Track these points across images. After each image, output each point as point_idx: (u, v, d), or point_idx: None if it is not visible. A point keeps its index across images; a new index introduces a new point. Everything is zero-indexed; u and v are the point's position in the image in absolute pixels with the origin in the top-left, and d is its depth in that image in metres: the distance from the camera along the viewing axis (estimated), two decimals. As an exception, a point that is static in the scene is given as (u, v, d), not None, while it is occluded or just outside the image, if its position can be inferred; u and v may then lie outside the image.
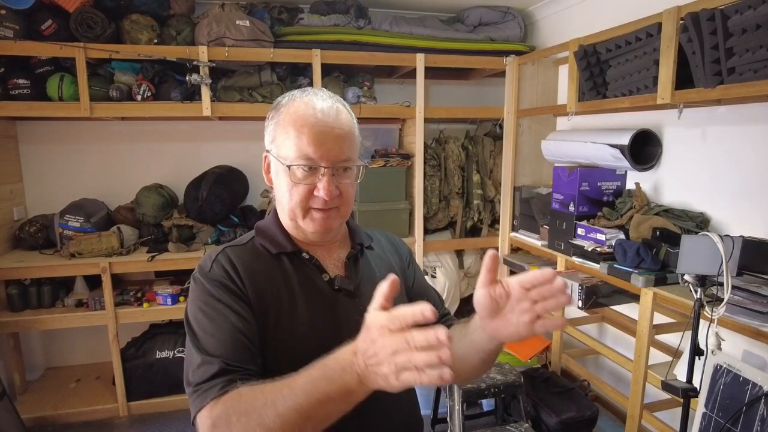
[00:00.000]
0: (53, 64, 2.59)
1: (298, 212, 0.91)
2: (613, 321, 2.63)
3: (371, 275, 1.01)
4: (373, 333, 0.62)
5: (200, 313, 0.85)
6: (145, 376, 2.74)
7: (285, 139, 0.89)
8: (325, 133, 0.87)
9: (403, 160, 3.02)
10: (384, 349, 0.60)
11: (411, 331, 0.59)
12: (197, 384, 0.78)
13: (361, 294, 0.96)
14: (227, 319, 0.84)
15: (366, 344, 0.62)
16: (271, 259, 0.94)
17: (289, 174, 0.88)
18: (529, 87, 2.99)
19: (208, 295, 0.87)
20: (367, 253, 1.05)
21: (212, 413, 0.73)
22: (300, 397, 0.66)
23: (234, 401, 0.73)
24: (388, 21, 2.91)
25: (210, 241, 2.86)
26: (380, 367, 0.60)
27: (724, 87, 1.67)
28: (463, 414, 2.13)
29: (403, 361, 0.58)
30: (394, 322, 0.60)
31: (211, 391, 0.76)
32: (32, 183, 2.97)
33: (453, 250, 3.30)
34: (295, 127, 0.88)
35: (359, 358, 0.63)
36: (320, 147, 0.87)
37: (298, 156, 0.87)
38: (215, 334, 0.83)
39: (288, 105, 0.91)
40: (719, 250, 1.45)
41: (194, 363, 0.81)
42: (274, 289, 0.91)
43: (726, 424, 1.43)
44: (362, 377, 0.63)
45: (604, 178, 2.45)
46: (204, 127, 3.14)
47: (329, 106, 0.90)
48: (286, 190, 0.90)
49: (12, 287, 2.62)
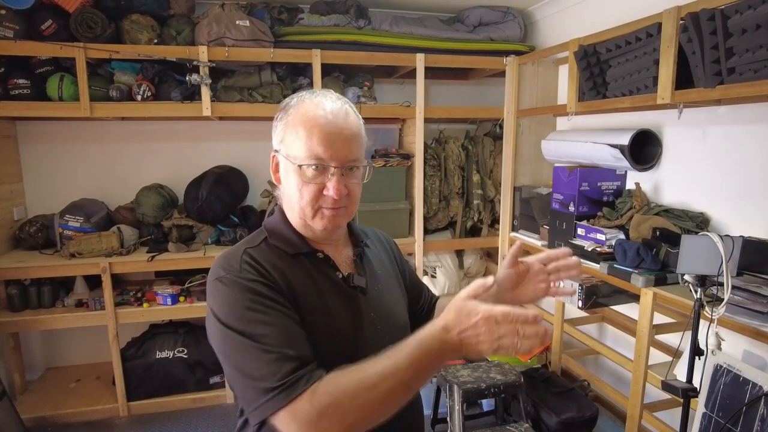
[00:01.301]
0: (53, 64, 2.59)
1: (308, 211, 0.92)
2: (613, 321, 2.63)
3: (373, 272, 1.04)
4: (474, 318, 0.74)
5: (248, 312, 0.82)
6: (145, 376, 2.74)
7: (295, 139, 0.90)
8: (335, 134, 0.89)
9: (403, 160, 3.02)
10: (491, 333, 0.73)
11: (522, 324, 0.73)
12: (280, 380, 0.76)
13: (369, 291, 1.00)
14: (280, 313, 0.84)
15: (464, 324, 0.74)
16: (290, 259, 0.94)
17: (299, 173, 0.90)
18: (529, 87, 2.99)
19: (250, 293, 0.84)
20: (366, 251, 1.08)
21: (314, 403, 0.74)
22: (408, 372, 0.74)
23: (336, 386, 0.75)
24: (388, 21, 2.91)
25: (210, 241, 2.86)
26: (481, 345, 0.74)
27: (724, 87, 1.67)
28: (463, 414, 2.13)
29: (508, 342, 0.73)
30: (506, 317, 0.73)
31: (298, 383, 0.76)
32: (32, 183, 2.97)
33: (453, 250, 3.30)
34: (305, 127, 0.89)
35: (452, 334, 0.74)
36: (330, 147, 0.89)
37: (308, 156, 0.89)
38: (276, 329, 0.81)
39: (297, 105, 0.92)
40: (719, 250, 1.45)
41: (263, 361, 0.78)
42: (302, 287, 0.91)
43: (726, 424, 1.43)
44: (454, 350, 0.75)
45: (604, 178, 2.45)
46: (204, 127, 3.14)
47: (338, 107, 0.92)
48: (296, 189, 0.92)
49: (12, 287, 2.62)
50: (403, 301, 1.11)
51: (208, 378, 2.83)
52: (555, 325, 2.59)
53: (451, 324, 0.75)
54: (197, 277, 2.87)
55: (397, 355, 0.76)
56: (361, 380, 0.75)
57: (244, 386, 0.80)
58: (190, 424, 2.66)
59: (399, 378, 0.74)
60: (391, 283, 1.09)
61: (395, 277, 1.13)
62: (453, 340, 0.75)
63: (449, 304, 0.78)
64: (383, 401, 0.75)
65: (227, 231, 2.85)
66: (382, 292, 1.03)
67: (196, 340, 2.83)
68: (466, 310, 0.75)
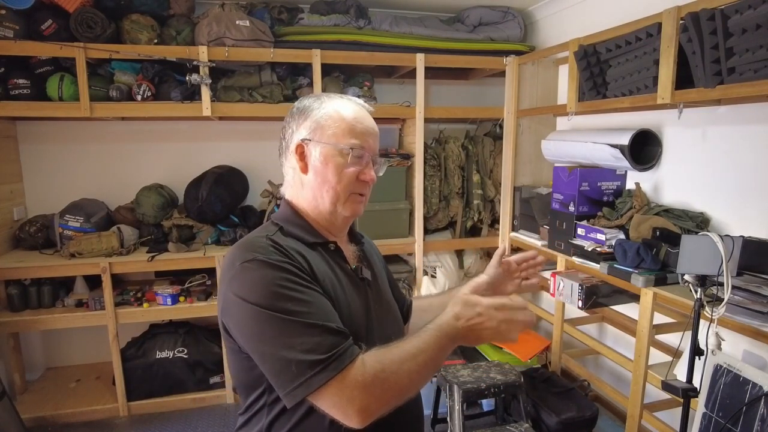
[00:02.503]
0: (53, 64, 2.59)
1: (343, 195, 0.98)
2: (613, 321, 2.63)
3: (372, 267, 1.10)
4: (478, 308, 0.86)
5: (285, 290, 0.83)
6: (145, 376, 2.74)
7: (338, 128, 0.97)
8: (370, 128, 1.01)
9: (403, 160, 3.02)
10: (492, 319, 0.85)
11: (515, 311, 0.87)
12: (327, 352, 0.79)
13: (373, 284, 1.06)
14: (314, 291, 0.87)
15: (470, 314, 0.85)
16: (308, 248, 0.96)
17: (343, 158, 0.96)
18: (529, 87, 2.99)
19: (282, 272, 0.85)
20: (364, 247, 1.13)
21: (367, 370, 0.80)
22: (435, 350, 0.84)
23: (384, 356, 0.82)
24: (388, 21, 2.91)
25: (210, 241, 2.86)
26: (484, 332, 0.86)
27: (724, 87, 1.67)
28: (463, 414, 2.13)
29: (505, 328, 0.86)
30: (504, 306, 0.86)
31: (345, 354, 0.80)
32: (32, 183, 2.97)
33: (453, 250, 3.30)
34: (348, 118, 0.98)
35: (461, 322, 0.85)
36: (367, 139, 0.99)
37: (353, 143, 0.97)
38: (314, 305, 0.85)
39: (329, 101, 1.00)
40: (719, 250, 1.45)
41: (307, 335, 0.80)
42: (323, 274, 0.93)
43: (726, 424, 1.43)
44: (463, 336, 0.86)
45: (604, 178, 2.45)
46: (204, 127, 3.14)
47: (361, 107, 1.03)
48: (334, 173, 0.96)
49: (12, 287, 2.62)
50: (392, 297, 1.16)
51: (208, 378, 2.83)
52: (555, 325, 2.59)
53: (461, 314, 0.86)
54: (197, 277, 2.87)
55: (425, 335, 0.85)
56: (403, 352, 0.83)
57: (286, 364, 0.79)
58: (190, 424, 2.66)
59: (430, 353, 0.84)
60: (384, 282, 1.15)
61: (385, 276, 1.18)
62: (462, 328, 0.85)
63: (454, 299, 0.89)
64: (419, 372, 0.83)
65: (227, 231, 2.85)
66: (381, 287, 1.09)
67: (196, 340, 2.83)
68: (471, 302, 0.86)
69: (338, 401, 0.78)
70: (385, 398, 0.80)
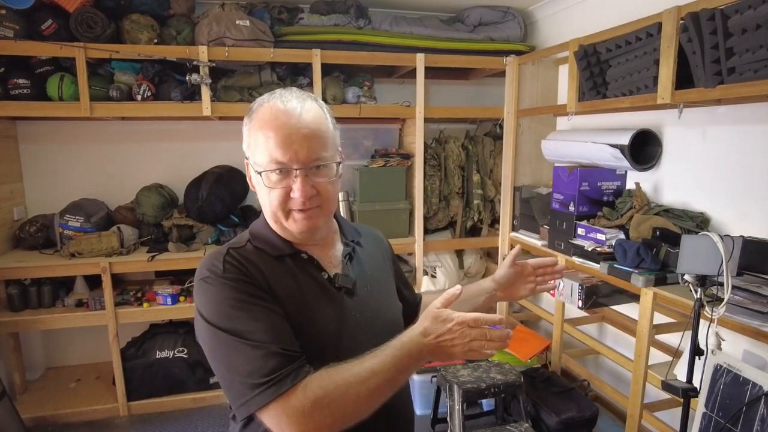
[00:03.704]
0: (53, 64, 2.59)
1: (279, 215, 0.92)
2: (613, 321, 2.63)
3: (363, 272, 1.03)
4: (449, 324, 0.81)
5: (234, 310, 0.84)
6: (145, 376, 2.74)
7: (256, 146, 0.90)
8: (291, 135, 0.87)
9: (403, 160, 3.02)
10: (463, 337, 0.80)
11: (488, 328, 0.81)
12: (267, 375, 0.78)
13: (357, 291, 0.99)
14: (265, 309, 0.85)
15: (440, 330, 0.81)
16: (273, 262, 0.94)
17: (264, 179, 0.90)
18: (529, 87, 2.99)
19: (235, 292, 0.85)
20: (358, 249, 1.07)
21: (307, 396, 0.77)
22: (391, 371, 0.80)
23: (328, 380, 0.79)
24: (388, 21, 2.91)
25: (210, 241, 2.86)
26: (454, 348, 0.81)
27: (724, 87, 1.67)
28: (463, 414, 2.13)
29: (477, 345, 0.81)
30: (477, 322, 0.80)
31: (286, 379, 0.79)
32: (32, 183, 2.97)
33: (453, 250, 3.30)
34: (263, 132, 0.89)
35: (429, 338, 0.81)
36: (288, 149, 0.87)
37: (269, 161, 0.88)
38: (261, 325, 0.83)
39: (257, 111, 0.92)
40: (719, 250, 1.45)
41: (250, 357, 0.80)
42: (284, 288, 0.91)
43: (726, 424, 1.43)
44: (431, 353, 0.81)
45: (604, 178, 2.45)
46: (204, 127, 3.14)
47: (293, 106, 0.90)
48: (265, 195, 0.92)
49: (12, 287, 2.62)
50: (395, 300, 1.10)
51: (208, 378, 2.83)
52: (555, 325, 2.59)
53: (429, 330, 0.82)
54: (197, 277, 2.87)
55: (382, 354, 0.81)
56: (351, 375, 0.79)
57: (231, 382, 0.82)
58: (190, 424, 2.66)
59: (384, 375, 0.80)
60: (384, 283, 1.09)
61: (389, 277, 1.12)
62: (430, 344, 0.81)
63: (425, 312, 0.84)
64: (370, 395, 0.80)
65: (227, 231, 2.85)
66: (371, 292, 1.02)
67: (195, 340, 2.82)
68: (442, 317, 0.82)
69: (277, 423, 0.78)
70: (326, 423, 0.78)
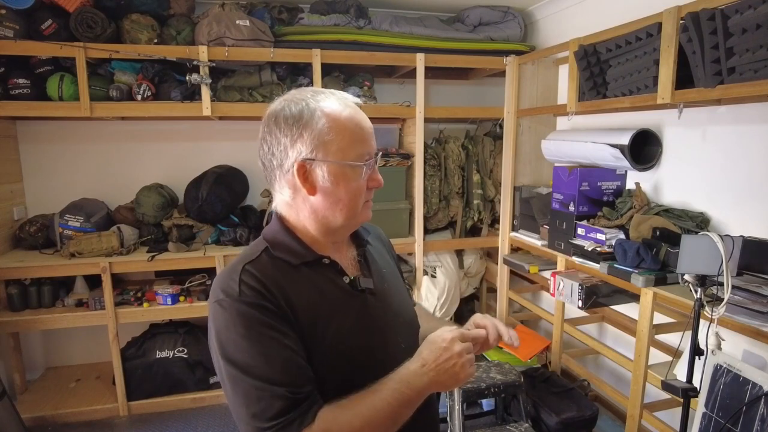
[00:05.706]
0: (53, 63, 2.59)
1: (359, 205, 0.93)
2: (613, 321, 2.63)
3: (378, 271, 1.02)
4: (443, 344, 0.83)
5: (245, 342, 0.80)
6: (145, 375, 2.74)
7: (341, 141, 0.87)
8: (368, 129, 0.93)
9: (403, 160, 3.02)
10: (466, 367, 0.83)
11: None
12: (272, 420, 0.77)
13: (378, 291, 0.98)
14: (278, 343, 0.81)
15: (442, 358, 0.82)
16: (293, 271, 0.90)
17: (358, 173, 0.90)
18: (529, 87, 2.99)
19: (248, 320, 0.81)
20: (369, 248, 1.05)
21: None
22: (394, 405, 0.81)
23: (332, 423, 0.79)
24: (388, 21, 2.91)
25: (210, 241, 2.86)
26: (458, 375, 0.83)
27: (724, 87, 1.67)
28: (463, 414, 2.13)
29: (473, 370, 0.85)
30: (469, 350, 0.84)
31: (292, 426, 0.77)
32: (32, 183, 2.97)
33: (453, 250, 3.30)
34: (350, 126, 0.89)
35: (429, 368, 0.82)
36: (370, 141, 0.92)
37: (362, 153, 0.90)
38: (271, 361, 0.80)
39: (322, 108, 0.88)
40: (719, 250, 1.45)
41: (254, 398, 0.78)
42: (308, 300, 0.87)
43: (726, 424, 1.43)
44: (435, 381, 0.82)
45: (604, 177, 2.45)
46: (204, 127, 3.14)
47: (355, 106, 0.94)
48: (351, 190, 0.90)
49: (12, 287, 2.62)
50: (407, 296, 1.09)
51: (208, 378, 2.83)
52: (555, 325, 2.59)
53: (426, 358, 0.83)
54: (197, 277, 2.87)
55: (385, 392, 0.81)
56: (355, 416, 0.80)
57: (238, 417, 0.81)
58: (190, 424, 2.66)
59: (388, 412, 0.80)
60: (395, 280, 1.08)
61: (397, 273, 1.11)
62: (432, 371, 0.82)
63: (420, 348, 0.86)
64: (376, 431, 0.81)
65: (227, 231, 2.85)
66: (389, 291, 1.01)
67: (196, 339, 2.83)
68: (436, 340, 0.84)
69: None
70: None
